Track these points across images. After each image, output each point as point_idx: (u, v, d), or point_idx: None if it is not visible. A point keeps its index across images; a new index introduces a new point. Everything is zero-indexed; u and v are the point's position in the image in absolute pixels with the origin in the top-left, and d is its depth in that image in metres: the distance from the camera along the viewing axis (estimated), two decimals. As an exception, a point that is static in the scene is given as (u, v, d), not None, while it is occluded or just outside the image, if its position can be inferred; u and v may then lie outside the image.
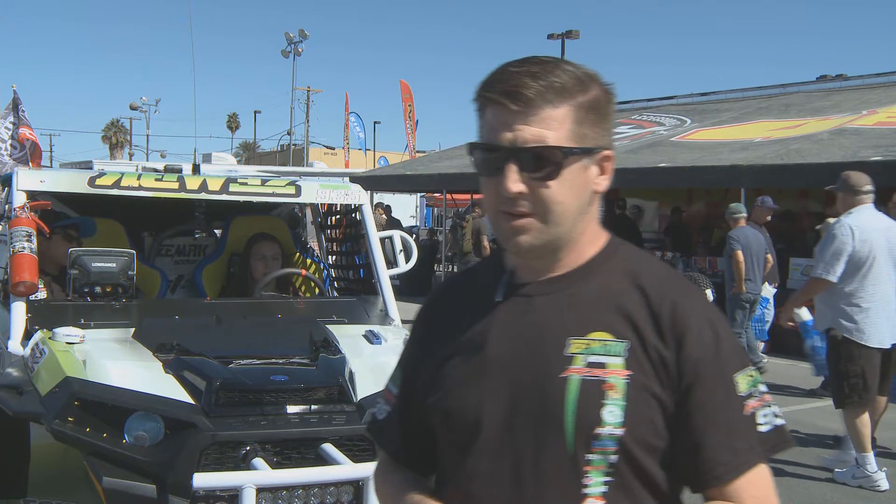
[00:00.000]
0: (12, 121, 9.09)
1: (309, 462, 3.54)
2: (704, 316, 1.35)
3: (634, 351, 1.31)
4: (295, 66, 43.91)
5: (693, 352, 1.31)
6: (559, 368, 1.31)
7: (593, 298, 1.36)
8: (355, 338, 4.36)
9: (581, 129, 1.32)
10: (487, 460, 1.34)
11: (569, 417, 1.29)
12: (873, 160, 10.48)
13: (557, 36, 28.57)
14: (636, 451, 1.29)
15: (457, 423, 1.37)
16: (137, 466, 3.41)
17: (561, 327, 1.34)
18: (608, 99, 1.36)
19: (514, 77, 1.31)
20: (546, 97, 1.30)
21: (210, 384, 3.57)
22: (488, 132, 1.34)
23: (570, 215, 1.34)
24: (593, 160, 1.36)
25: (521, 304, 1.39)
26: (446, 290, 1.58)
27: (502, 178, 1.31)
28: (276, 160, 45.54)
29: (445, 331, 1.45)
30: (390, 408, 1.55)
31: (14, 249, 4.32)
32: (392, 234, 5.85)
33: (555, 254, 1.38)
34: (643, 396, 1.29)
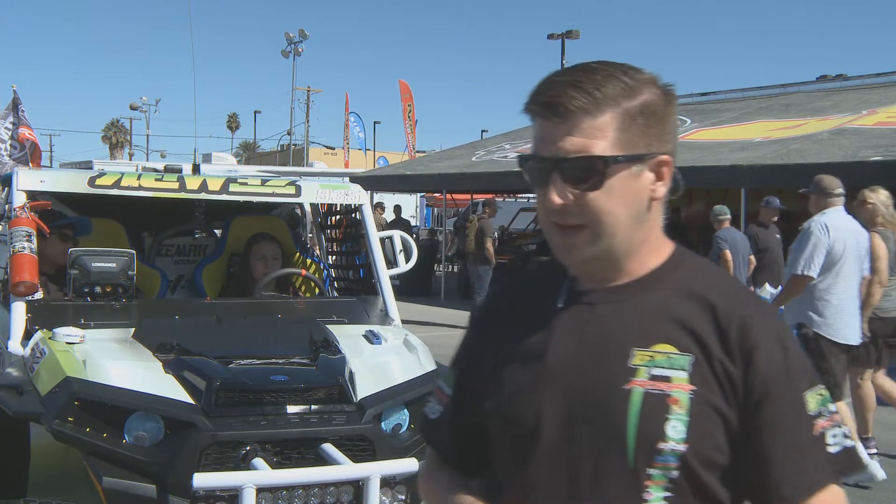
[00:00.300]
0: (12, 121, 9.09)
1: (309, 462, 3.54)
2: (774, 332, 1.31)
3: (699, 365, 1.28)
4: (295, 66, 43.93)
5: (762, 369, 1.27)
6: (622, 380, 1.29)
7: (658, 309, 1.33)
8: (355, 338, 4.36)
9: (627, 136, 1.28)
10: (545, 470, 1.32)
11: (631, 430, 1.26)
12: (873, 160, 10.49)
13: (557, 36, 28.57)
14: (698, 468, 1.27)
15: (515, 430, 1.35)
16: (137, 466, 3.41)
17: (625, 337, 1.31)
18: (663, 102, 1.32)
19: (555, 87, 1.29)
20: (586, 108, 1.27)
21: (210, 384, 3.57)
22: (535, 143, 1.32)
23: (622, 225, 1.30)
24: (646, 166, 1.31)
25: (583, 312, 1.36)
26: (505, 291, 1.55)
27: (548, 189, 1.30)
28: (276, 160, 45.55)
29: (504, 334, 1.42)
30: (443, 408, 1.53)
31: (14, 249, 4.32)
32: (392, 234, 5.85)
33: (614, 263, 1.35)
34: (707, 412, 1.26)
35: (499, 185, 18.05)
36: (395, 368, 4.02)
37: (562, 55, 28.20)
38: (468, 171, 16.89)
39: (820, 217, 5.69)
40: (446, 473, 1.52)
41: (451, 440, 1.52)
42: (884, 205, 6.13)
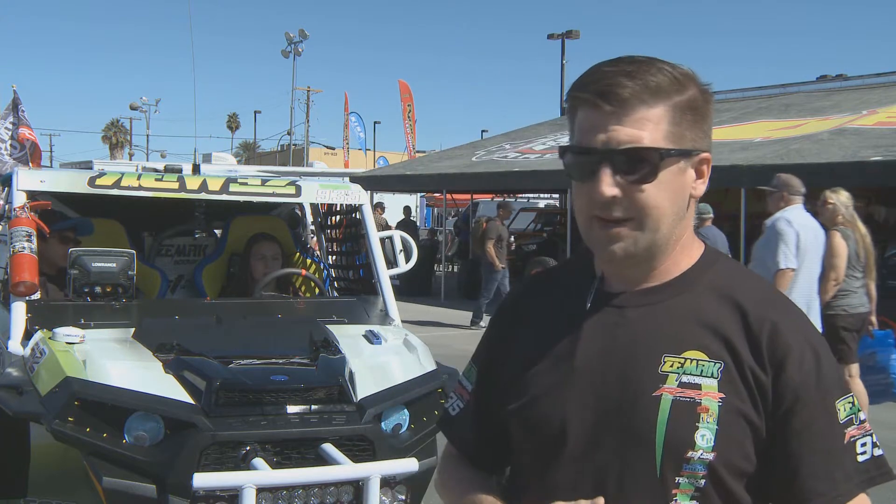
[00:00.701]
0: (12, 121, 9.09)
1: (309, 462, 3.53)
2: (805, 339, 1.28)
3: (729, 372, 1.26)
4: (295, 66, 43.87)
5: (794, 377, 1.25)
6: (652, 386, 1.27)
7: (689, 314, 1.30)
8: (355, 338, 4.35)
9: (678, 130, 1.27)
10: (570, 474, 1.30)
11: (659, 438, 1.24)
12: (873, 160, 10.49)
13: (557, 36, 28.54)
14: (725, 477, 1.25)
15: (540, 432, 1.33)
16: (137, 466, 3.41)
17: (655, 343, 1.29)
18: (706, 99, 1.31)
19: (607, 76, 1.26)
20: (641, 97, 1.24)
21: (210, 384, 3.57)
22: (580, 134, 1.28)
23: (666, 220, 1.28)
24: (690, 163, 1.30)
25: (612, 315, 1.33)
26: (531, 289, 1.51)
27: (596, 181, 1.25)
28: (276, 160, 45.54)
29: (530, 333, 1.40)
30: (463, 404, 1.51)
31: (14, 249, 4.32)
32: (392, 234, 5.85)
33: (649, 262, 1.32)
34: (736, 420, 1.25)
35: (499, 185, 18.07)
36: (395, 368, 4.01)
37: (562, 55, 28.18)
38: (468, 171, 16.89)
39: (782, 213, 5.96)
40: (465, 471, 1.50)
41: (472, 437, 1.50)
42: (844, 205, 6.38)
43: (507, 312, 1.50)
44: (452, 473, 1.53)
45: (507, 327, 1.47)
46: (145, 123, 60.18)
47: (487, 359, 1.49)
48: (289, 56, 41.28)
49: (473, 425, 1.49)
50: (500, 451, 1.45)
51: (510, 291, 1.58)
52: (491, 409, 1.44)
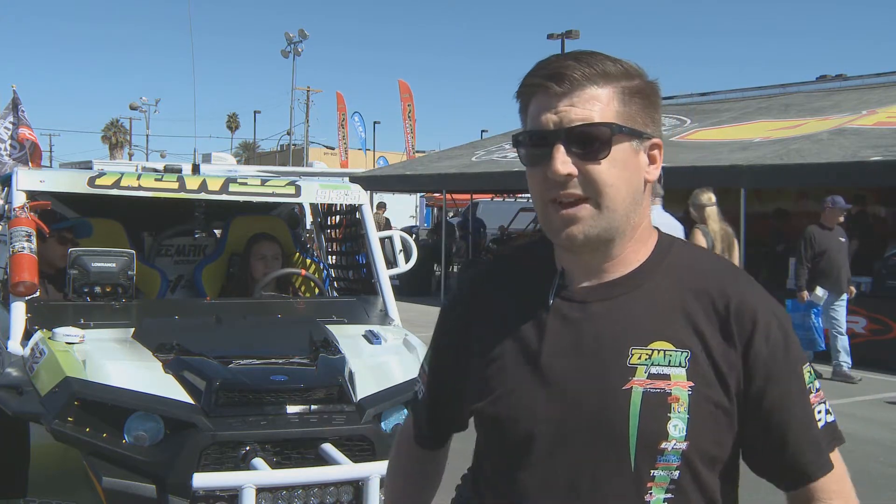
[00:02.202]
0: (12, 121, 9.08)
1: (309, 462, 3.54)
2: (770, 311, 1.30)
3: (696, 360, 1.27)
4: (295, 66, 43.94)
5: (763, 350, 1.27)
6: (622, 380, 1.26)
7: (652, 305, 1.31)
8: (355, 338, 4.36)
9: (628, 111, 1.28)
10: (541, 473, 1.29)
11: (632, 431, 1.24)
12: (873, 160, 10.49)
13: (557, 36, 28.55)
14: (699, 466, 1.26)
15: (508, 432, 1.32)
16: (137, 466, 3.41)
17: (621, 336, 1.29)
18: (653, 89, 1.33)
19: (557, 61, 1.29)
20: (591, 78, 1.27)
21: (210, 384, 3.57)
22: (532, 121, 1.30)
23: (622, 200, 1.28)
24: (643, 146, 1.31)
25: (575, 310, 1.32)
26: (485, 279, 1.49)
27: (551, 161, 1.25)
28: (276, 160, 45.54)
29: (490, 329, 1.38)
30: (424, 388, 1.55)
31: (14, 249, 4.32)
32: (392, 234, 5.85)
33: (608, 246, 1.31)
34: (706, 407, 1.25)
35: (499, 185, 18.06)
36: (394, 368, 4.01)
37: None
38: (468, 171, 16.88)
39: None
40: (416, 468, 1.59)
41: (423, 417, 1.55)
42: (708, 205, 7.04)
43: (462, 301, 1.48)
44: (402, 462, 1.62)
45: (464, 316, 1.45)
46: (145, 123, 60.22)
47: (440, 346, 1.51)
48: (288, 56, 41.30)
49: (425, 407, 1.55)
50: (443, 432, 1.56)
51: (462, 280, 1.56)
52: (443, 395, 1.50)
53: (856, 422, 7.33)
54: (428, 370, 1.53)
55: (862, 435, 6.86)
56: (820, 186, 13.24)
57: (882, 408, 8.13)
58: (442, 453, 1.61)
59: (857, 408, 7.99)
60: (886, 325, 9.83)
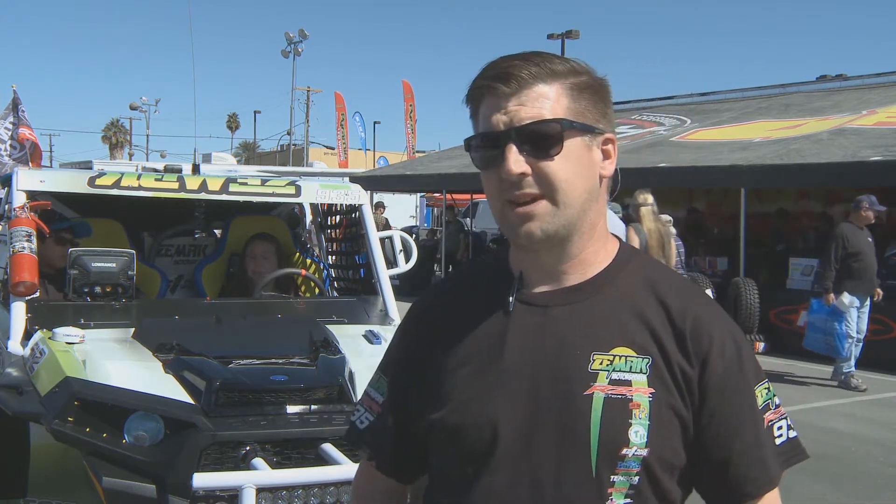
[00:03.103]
0: (12, 121, 9.08)
1: (309, 462, 3.53)
2: (727, 330, 1.31)
3: (657, 367, 1.27)
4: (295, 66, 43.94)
5: (718, 367, 1.27)
6: (583, 385, 1.26)
7: (614, 310, 1.30)
8: (355, 338, 4.36)
9: (578, 107, 1.28)
10: (503, 479, 1.28)
11: (594, 437, 1.24)
12: (873, 160, 10.49)
13: (557, 36, 28.56)
14: (659, 472, 1.26)
15: (470, 438, 1.30)
16: (137, 466, 3.41)
17: (583, 341, 1.28)
18: (602, 85, 1.33)
19: (503, 62, 1.28)
20: (538, 77, 1.27)
21: (210, 384, 3.57)
22: (483, 123, 1.29)
23: (578, 196, 1.27)
24: (595, 142, 1.31)
25: (536, 315, 1.31)
26: (442, 293, 1.49)
27: (503, 162, 1.25)
28: (276, 160, 45.55)
29: (449, 338, 1.37)
30: (374, 416, 1.47)
31: (14, 249, 4.32)
32: (392, 234, 5.85)
33: (566, 245, 1.31)
34: (666, 415, 1.26)
35: (499, 185, 18.01)
36: (394, 368, 4.01)
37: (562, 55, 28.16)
38: (468, 171, 16.85)
39: None
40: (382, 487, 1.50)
41: (389, 449, 1.46)
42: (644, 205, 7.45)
43: (420, 318, 1.46)
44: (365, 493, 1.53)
45: (421, 334, 1.43)
46: (145, 123, 60.27)
47: (400, 368, 1.45)
48: (289, 56, 41.31)
49: (389, 438, 1.45)
50: (418, 461, 1.43)
51: (420, 298, 1.53)
52: (408, 421, 1.41)
53: (856, 422, 7.33)
54: (382, 396, 1.47)
55: (862, 435, 6.86)
56: (820, 186, 13.26)
57: (882, 408, 8.14)
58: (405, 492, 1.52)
59: (857, 408, 7.99)
60: (886, 325, 9.83)
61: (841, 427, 5.87)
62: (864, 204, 8.81)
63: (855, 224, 8.82)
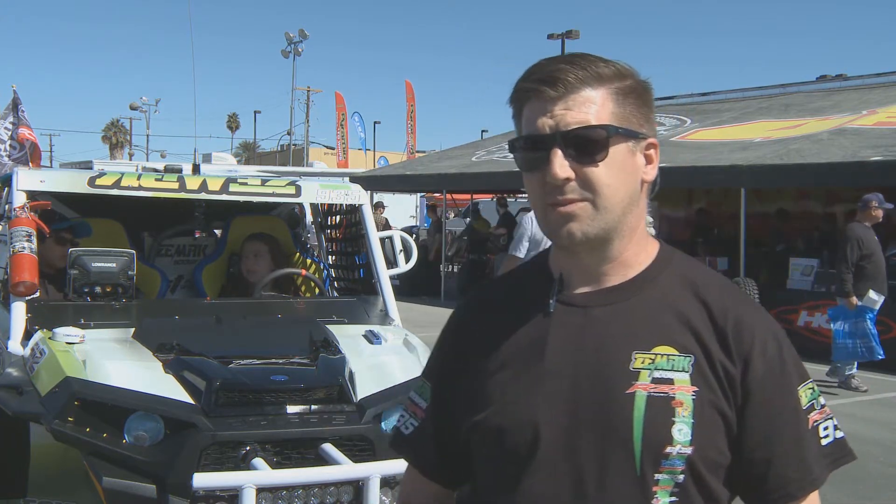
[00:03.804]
0: (12, 121, 9.08)
1: (309, 462, 3.54)
2: (768, 329, 1.31)
3: (699, 365, 1.27)
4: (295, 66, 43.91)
5: (760, 367, 1.27)
6: (625, 384, 1.26)
7: (655, 310, 1.31)
8: (355, 338, 4.36)
9: (623, 112, 1.29)
10: (546, 480, 1.28)
11: (637, 436, 1.24)
12: (873, 160, 10.49)
13: (557, 36, 28.57)
14: (703, 470, 1.26)
15: (512, 441, 1.30)
16: (137, 466, 3.41)
17: (624, 341, 1.29)
18: (646, 88, 1.33)
19: (550, 65, 1.29)
20: (584, 81, 1.27)
21: (210, 384, 3.57)
22: (527, 126, 1.30)
23: (619, 201, 1.28)
24: (639, 147, 1.32)
25: (577, 316, 1.32)
26: (485, 296, 1.50)
27: (548, 166, 1.26)
28: (276, 160, 45.54)
29: (489, 342, 1.37)
30: (418, 422, 1.48)
31: (14, 249, 4.32)
32: (392, 234, 5.86)
33: (606, 247, 1.31)
34: (710, 413, 1.26)
35: (499, 186, 18.04)
36: (395, 368, 4.02)
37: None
38: (468, 171, 16.88)
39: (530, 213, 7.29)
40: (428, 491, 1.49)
41: (432, 455, 1.46)
42: None
43: (460, 324, 1.47)
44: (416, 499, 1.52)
45: (463, 339, 1.43)
46: (145, 123, 60.29)
47: (443, 374, 1.46)
48: (289, 56, 41.30)
49: (433, 443, 1.46)
50: (462, 466, 1.43)
51: (461, 302, 1.55)
52: (452, 426, 1.41)
53: (856, 422, 7.33)
54: (425, 402, 1.47)
55: (862, 435, 6.86)
56: (820, 186, 13.25)
57: (882, 408, 8.14)
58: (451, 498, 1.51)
59: (857, 408, 7.99)
60: (887, 325, 9.80)
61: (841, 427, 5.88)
62: (872, 203, 8.64)
63: (866, 224, 8.64)
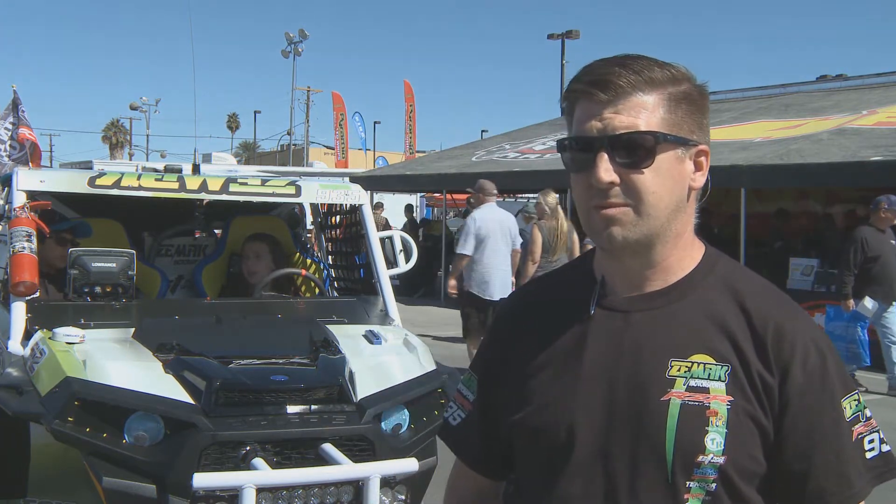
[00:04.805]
0: (12, 121, 9.08)
1: (309, 462, 3.54)
2: (810, 338, 1.29)
3: (736, 375, 1.26)
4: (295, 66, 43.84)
5: (799, 377, 1.26)
6: (660, 391, 1.26)
7: (694, 318, 1.30)
8: (355, 338, 4.36)
9: (674, 118, 1.28)
10: (580, 482, 1.29)
11: (669, 443, 1.24)
12: (873, 160, 10.49)
13: (557, 36, 28.57)
14: (736, 480, 1.25)
15: (548, 441, 1.32)
16: (137, 466, 3.41)
17: (661, 347, 1.29)
18: (701, 94, 1.32)
19: (602, 67, 1.28)
20: (636, 85, 1.26)
21: (210, 384, 3.57)
22: (577, 127, 1.29)
23: (664, 208, 1.27)
24: (689, 153, 1.30)
25: (616, 320, 1.32)
26: (530, 295, 1.52)
27: (594, 168, 1.25)
28: (276, 160, 45.52)
29: (532, 341, 1.38)
30: (465, 414, 1.49)
31: (14, 249, 4.32)
32: (392, 234, 5.86)
33: (649, 252, 1.31)
34: (745, 423, 1.25)
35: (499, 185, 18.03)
36: (395, 368, 4.02)
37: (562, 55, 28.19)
38: (468, 171, 16.86)
39: (475, 212, 8.15)
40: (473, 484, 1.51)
41: (479, 447, 1.48)
42: (549, 206, 8.18)
43: (506, 320, 1.49)
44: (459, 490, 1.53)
45: (507, 336, 1.45)
46: (145, 123, 60.24)
47: (488, 369, 1.47)
48: (289, 56, 41.28)
49: (478, 436, 1.47)
50: (508, 460, 1.44)
51: (508, 299, 1.58)
52: (496, 419, 1.42)
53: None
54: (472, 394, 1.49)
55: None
56: (820, 186, 13.25)
57: (882, 408, 8.14)
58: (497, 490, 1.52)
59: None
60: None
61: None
62: (882, 205, 8.38)
63: (875, 226, 8.43)
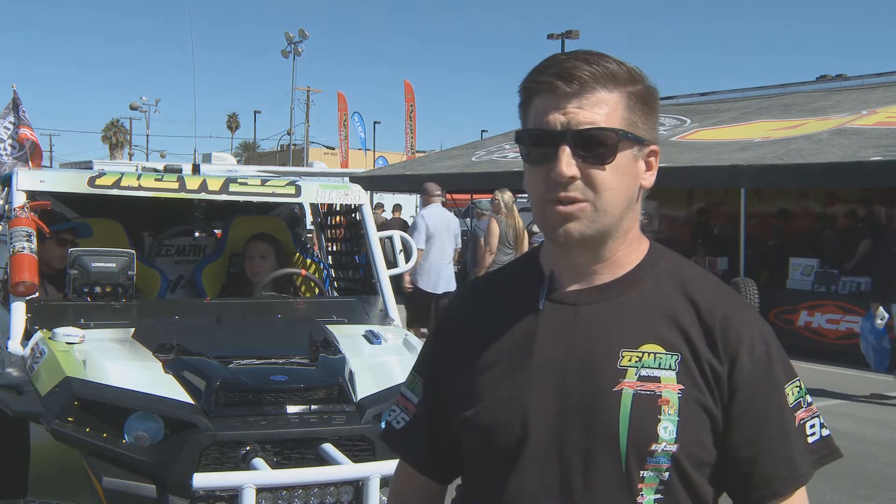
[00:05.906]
0: (12, 121, 9.07)
1: (309, 462, 3.54)
2: (756, 328, 1.32)
3: (686, 364, 1.28)
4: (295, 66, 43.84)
5: (747, 365, 1.28)
6: (612, 381, 1.27)
7: (643, 308, 1.32)
8: (355, 338, 4.36)
9: (632, 118, 1.29)
10: (534, 477, 1.29)
11: (623, 433, 1.25)
12: (873, 160, 10.49)
13: (557, 36, 28.56)
14: (688, 468, 1.27)
15: (501, 438, 1.31)
16: (137, 466, 3.41)
17: (611, 338, 1.30)
18: (653, 95, 1.34)
19: (566, 61, 1.28)
20: (600, 81, 1.27)
21: (210, 384, 3.57)
22: (537, 119, 1.29)
23: (619, 205, 1.29)
24: (643, 153, 1.32)
25: (566, 314, 1.33)
26: (476, 292, 1.51)
27: (554, 163, 1.25)
28: (276, 160, 45.51)
29: (481, 337, 1.38)
30: (409, 417, 1.48)
31: (14, 249, 4.32)
32: (392, 234, 5.86)
33: (600, 248, 1.32)
34: (695, 411, 1.26)
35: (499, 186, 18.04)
36: (395, 368, 4.01)
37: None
38: (468, 171, 16.89)
39: (423, 210, 9.18)
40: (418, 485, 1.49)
41: (422, 450, 1.47)
42: (504, 203, 9.20)
43: (453, 318, 1.47)
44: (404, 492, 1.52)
45: (455, 333, 1.44)
46: (145, 123, 60.22)
47: (434, 370, 1.46)
48: (289, 56, 41.29)
49: (424, 438, 1.46)
50: (454, 462, 1.44)
51: (452, 298, 1.56)
52: (443, 420, 1.41)
53: (856, 422, 7.33)
54: (417, 397, 1.47)
55: (862, 435, 6.86)
56: (820, 186, 13.25)
57: (882, 408, 8.14)
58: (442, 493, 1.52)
59: (857, 408, 7.99)
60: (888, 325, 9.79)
61: (841, 427, 5.88)
62: None
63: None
